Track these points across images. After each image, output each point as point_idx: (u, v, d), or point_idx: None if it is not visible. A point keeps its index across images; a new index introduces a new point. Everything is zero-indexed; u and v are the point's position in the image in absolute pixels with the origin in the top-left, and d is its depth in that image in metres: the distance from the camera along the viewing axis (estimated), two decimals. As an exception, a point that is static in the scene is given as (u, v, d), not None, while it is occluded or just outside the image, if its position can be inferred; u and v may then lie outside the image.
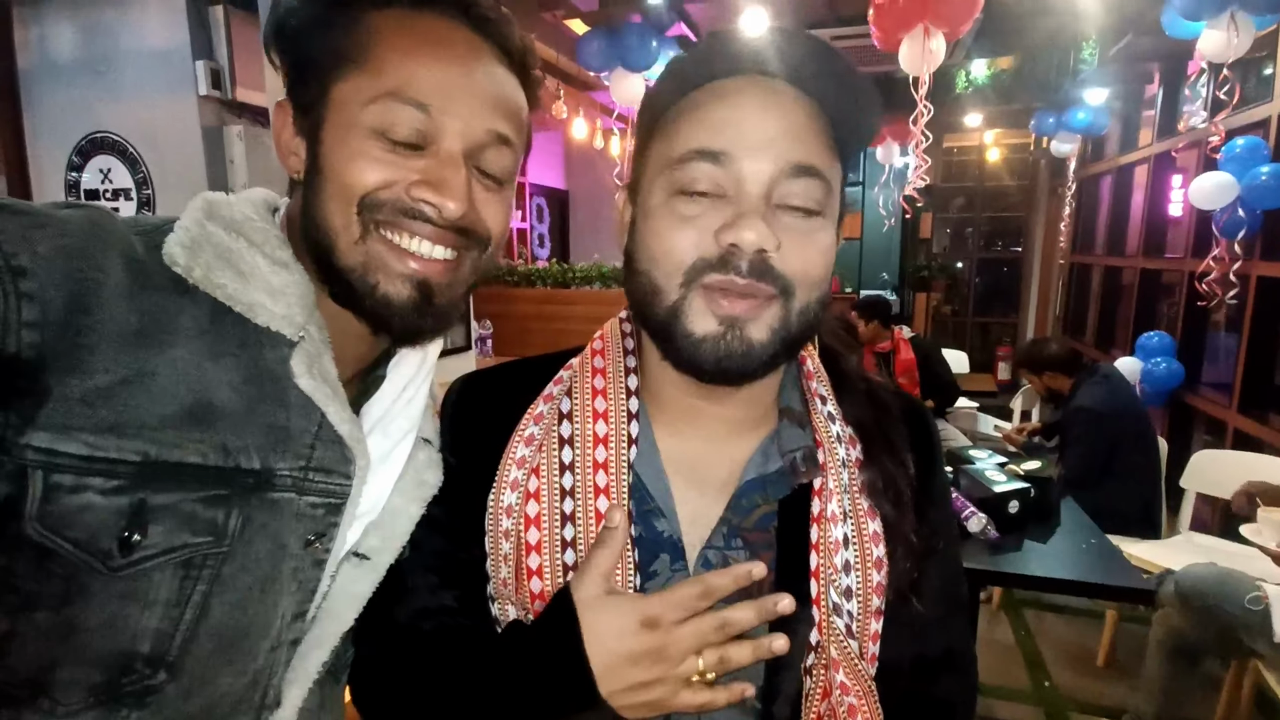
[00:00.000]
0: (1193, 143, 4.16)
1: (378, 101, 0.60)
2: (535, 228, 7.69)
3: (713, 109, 0.60)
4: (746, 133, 0.59)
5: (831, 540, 0.64)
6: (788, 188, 0.59)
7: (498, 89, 0.65)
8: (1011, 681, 2.72)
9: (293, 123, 0.65)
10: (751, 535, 0.66)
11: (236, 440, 0.57)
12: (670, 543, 0.65)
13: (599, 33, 3.90)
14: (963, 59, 5.18)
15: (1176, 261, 4.52)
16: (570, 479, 0.65)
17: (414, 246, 0.62)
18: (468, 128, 0.62)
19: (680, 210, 0.60)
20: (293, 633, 0.65)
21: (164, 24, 2.74)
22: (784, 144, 0.59)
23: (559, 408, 0.69)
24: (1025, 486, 2.02)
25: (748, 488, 0.67)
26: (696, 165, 0.59)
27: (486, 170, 0.65)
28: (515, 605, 0.66)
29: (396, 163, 0.61)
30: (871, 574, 0.65)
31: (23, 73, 2.95)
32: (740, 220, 0.58)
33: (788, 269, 0.60)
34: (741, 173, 0.59)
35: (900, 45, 3.05)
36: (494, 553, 0.66)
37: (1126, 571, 1.84)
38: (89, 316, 0.51)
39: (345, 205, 0.61)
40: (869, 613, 0.64)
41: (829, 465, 0.66)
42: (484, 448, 0.70)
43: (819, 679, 0.62)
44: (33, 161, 2.99)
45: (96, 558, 0.52)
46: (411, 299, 0.63)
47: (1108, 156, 6.07)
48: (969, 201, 8.56)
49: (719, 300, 0.60)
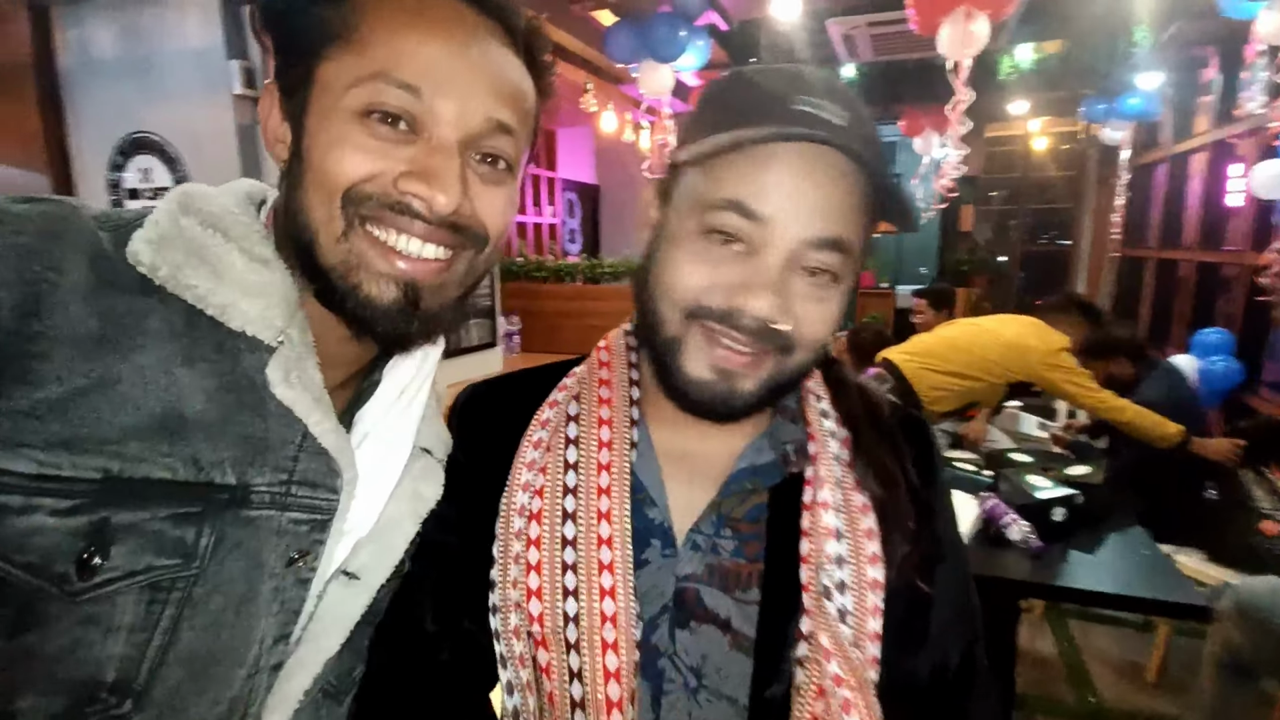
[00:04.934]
0: (1253, 129, 3.93)
1: (363, 84, 0.55)
2: (566, 223, 7.68)
3: (764, 167, 0.58)
4: (787, 202, 0.58)
5: (823, 527, 0.64)
6: (811, 256, 0.59)
7: (498, 71, 0.59)
8: (1054, 695, 2.61)
9: (279, 107, 0.60)
10: (741, 525, 0.67)
11: (210, 453, 0.54)
12: (661, 530, 0.67)
13: (627, 24, 3.85)
14: (1006, 43, 4.98)
15: (1236, 254, 4.31)
16: (574, 478, 0.66)
17: (402, 244, 0.57)
18: (463, 114, 0.57)
19: (702, 250, 0.60)
20: (274, 657, 0.61)
21: (199, 24, 2.78)
22: (817, 216, 0.59)
23: (566, 411, 0.70)
24: (1071, 493, 1.92)
25: (739, 475, 0.68)
26: (729, 216, 0.59)
27: (485, 162, 0.60)
28: (518, 613, 0.65)
29: (383, 151, 0.56)
30: (866, 569, 0.64)
31: (64, 73, 3.02)
32: (754, 287, 0.58)
33: (796, 330, 0.60)
34: (769, 236, 0.59)
35: (940, 29, 2.93)
36: (504, 556, 0.66)
37: (1180, 585, 1.74)
38: (41, 321, 0.47)
39: (328, 198, 0.56)
40: (865, 609, 0.63)
41: (821, 456, 0.67)
42: (494, 453, 0.71)
43: (811, 672, 0.61)
44: (75, 161, 3.07)
45: (52, 582, 0.48)
46: (396, 302, 0.58)
47: (1162, 144, 5.81)
48: (1013, 193, 8.30)
49: (716, 350, 0.61)
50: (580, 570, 0.63)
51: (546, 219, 6.82)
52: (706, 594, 0.65)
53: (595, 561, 0.63)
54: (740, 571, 0.65)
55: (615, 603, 0.62)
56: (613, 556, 0.63)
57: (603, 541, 0.63)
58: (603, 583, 0.62)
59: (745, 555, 0.66)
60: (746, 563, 0.66)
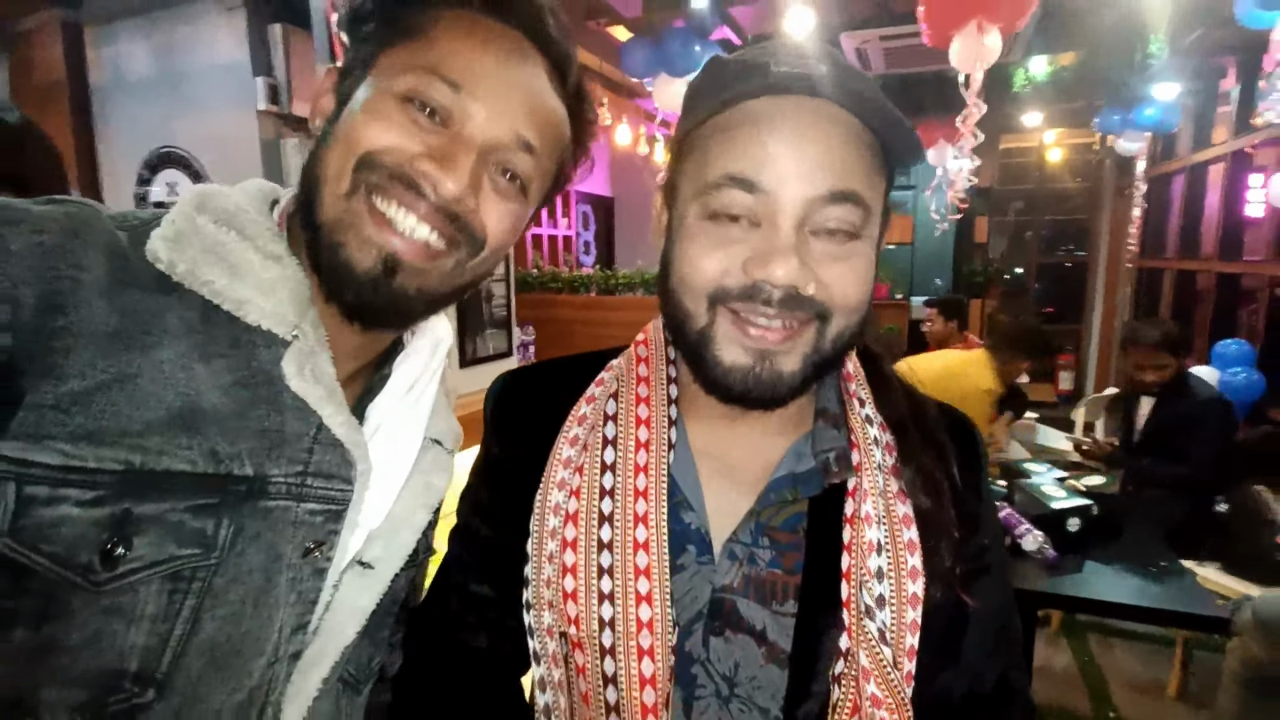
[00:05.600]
0: (1273, 139, 3.90)
1: (414, 71, 0.59)
2: (581, 235, 7.73)
3: (745, 132, 0.57)
4: (780, 161, 0.56)
5: (865, 542, 0.61)
6: (823, 214, 0.57)
7: (534, 95, 0.64)
8: (1072, 711, 2.57)
9: (333, 89, 0.64)
10: (780, 535, 0.65)
11: (228, 446, 0.55)
12: (697, 535, 0.65)
13: (642, 39, 3.90)
14: (1021, 55, 4.98)
15: (1256, 265, 4.25)
16: (611, 479, 0.65)
17: (399, 219, 0.59)
18: (492, 120, 0.61)
19: (711, 234, 0.59)
20: (293, 646, 0.62)
21: (227, 41, 2.85)
22: (819, 171, 0.56)
23: (604, 410, 0.69)
24: (1086, 503, 1.91)
25: (777, 483, 0.65)
26: (729, 192, 0.57)
27: (503, 173, 0.63)
28: (551, 612, 0.64)
29: (411, 132, 0.59)
30: (906, 584, 0.62)
31: (96, 89, 3.11)
32: (771, 256, 0.56)
33: (824, 296, 0.58)
34: (775, 203, 0.56)
35: (952, 42, 2.94)
36: (538, 554, 0.66)
37: (1198, 597, 1.72)
38: (65, 317, 0.49)
39: (345, 156, 0.59)
40: (903, 625, 0.61)
41: (864, 466, 0.64)
42: (530, 445, 0.70)
43: (848, 689, 0.60)
44: (106, 176, 3.16)
45: (76, 573, 0.49)
46: (371, 271, 0.59)
47: (1179, 155, 5.76)
48: (1028, 204, 8.25)
49: (749, 330, 0.58)
50: (617, 574, 0.62)
51: (561, 231, 6.88)
52: (743, 605, 0.64)
53: (631, 566, 0.62)
54: (777, 583, 0.64)
55: (651, 609, 0.61)
56: (649, 561, 0.62)
57: (639, 546, 0.62)
58: (639, 588, 0.61)
59: (783, 566, 0.64)
60: (784, 574, 0.64)
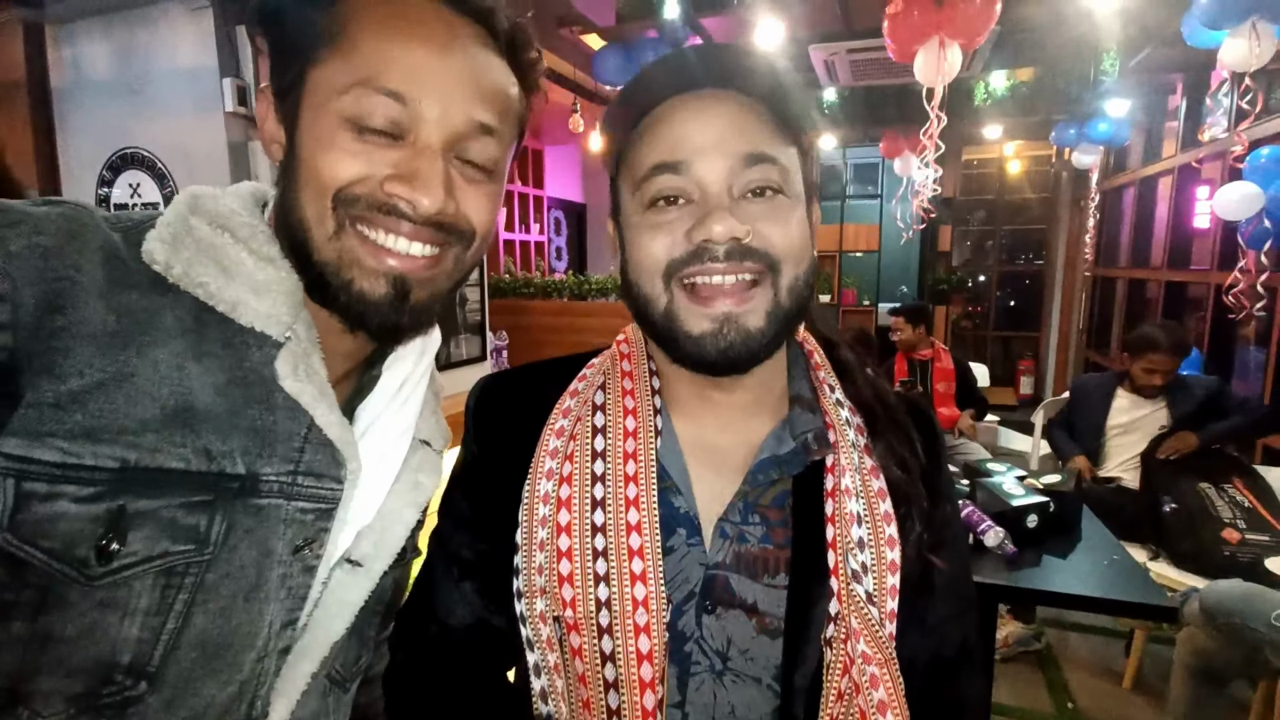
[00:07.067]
0: (1217, 153, 4.09)
1: (350, 90, 0.57)
2: (553, 240, 7.74)
3: (664, 127, 0.65)
4: (695, 139, 0.63)
5: (846, 512, 0.66)
6: (745, 176, 0.63)
7: (479, 74, 0.61)
8: (1033, 703, 2.66)
9: (274, 110, 0.62)
10: (769, 512, 0.69)
11: (220, 444, 0.56)
12: (686, 518, 0.68)
13: (615, 48, 3.95)
14: (980, 70, 5.15)
15: (1202, 274, 4.44)
16: (602, 465, 0.68)
17: (390, 243, 0.60)
18: (446, 117, 0.59)
19: (652, 220, 0.65)
20: (282, 641, 0.63)
21: (193, 43, 2.80)
22: (731, 140, 0.63)
23: (592, 401, 0.72)
24: (1044, 500, 1.98)
25: (762, 465, 0.69)
26: (660, 179, 0.64)
27: (469, 161, 0.62)
28: (545, 598, 0.67)
29: (370, 154, 0.58)
30: (885, 551, 0.67)
31: (56, 91, 3.04)
32: (707, 217, 0.62)
33: (767, 245, 0.63)
34: (700, 176, 0.63)
35: (915, 57, 3.04)
36: (528, 542, 0.68)
37: (1149, 588, 1.79)
38: (63, 317, 0.50)
39: (319, 198, 0.58)
40: (884, 590, 0.66)
41: (840, 443, 0.69)
42: (513, 442, 0.73)
43: (839, 651, 0.64)
44: (65, 177, 3.08)
45: (72, 567, 0.50)
46: (387, 296, 0.61)
47: (1130, 168, 5.99)
48: (989, 214, 8.48)
49: (705, 298, 0.63)
50: (611, 556, 0.65)
51: (534, 236, 6.87)
52: (734, 580, 0.67)
53: (625, 548, 0.65)
54: (769, 558, 0.67)
55: (646, 587, 0.64)
56: (642, 542, 0.65)
57: (631, 528, 0.65)
58: (633, 568, 0.64)
59: (773, 541, 0.68)
60: (774, 548, 0.68)
